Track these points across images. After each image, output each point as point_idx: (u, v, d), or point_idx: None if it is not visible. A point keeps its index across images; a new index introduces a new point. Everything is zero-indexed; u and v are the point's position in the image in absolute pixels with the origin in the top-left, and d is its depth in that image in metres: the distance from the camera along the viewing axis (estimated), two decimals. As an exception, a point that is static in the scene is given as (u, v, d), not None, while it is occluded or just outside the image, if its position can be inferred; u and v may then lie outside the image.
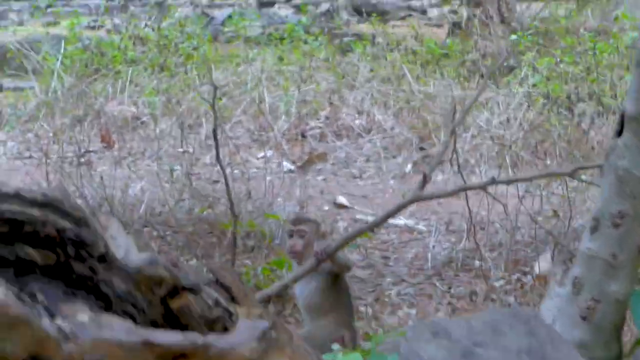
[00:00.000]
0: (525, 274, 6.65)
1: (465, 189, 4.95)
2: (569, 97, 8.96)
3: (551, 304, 3.11)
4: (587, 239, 3.39)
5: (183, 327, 1.78)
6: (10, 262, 1.62)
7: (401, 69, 9.93)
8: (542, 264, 6.56)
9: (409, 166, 9.03)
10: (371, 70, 10.03)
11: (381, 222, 4.59)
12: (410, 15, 16.15)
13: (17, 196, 1.61)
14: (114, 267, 1.71)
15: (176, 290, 1.76)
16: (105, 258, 1.68)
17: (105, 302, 1.68)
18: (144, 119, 10.04)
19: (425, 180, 4.08)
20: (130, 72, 10.50)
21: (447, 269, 6.90)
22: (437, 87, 9.59)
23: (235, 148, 8.79)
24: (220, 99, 9.93)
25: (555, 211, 6.71)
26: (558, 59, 9.18)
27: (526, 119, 8.90)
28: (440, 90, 9.49)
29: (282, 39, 11.59)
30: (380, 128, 9.59)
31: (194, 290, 1.76)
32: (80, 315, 1.58)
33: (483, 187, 4.25)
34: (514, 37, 10.10)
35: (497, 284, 6.54)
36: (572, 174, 4.00)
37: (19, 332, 1.50)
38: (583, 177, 4.40)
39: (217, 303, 1.77)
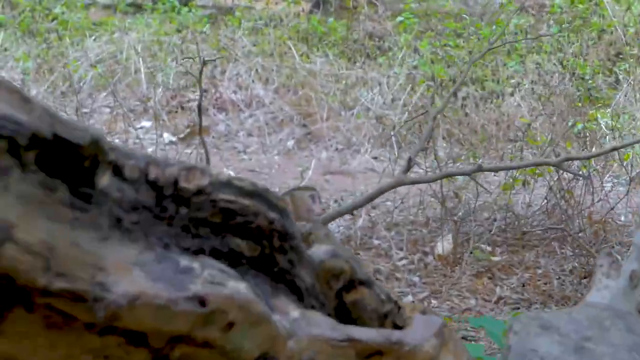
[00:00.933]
0: (426, 254, 6.73)
1: (449, 174, 4.97)
2: (453, 80, 9.09)
3: (601, 296, 3.15)
4: (644, 233, 3.44)
5: (353, 321, 1.74)
6: (221, 254, 1.55)
7: (284, 45, 9.86)
8: (445, 245, 6.66)
9: (292, 142, 9.02)
10: (254, 45, 9.92)
11: (362, 204, 4.55)
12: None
13: (228, 185, 1.54)
14: (303, 260, 1.66)
15: (352, 283, 1.71)
16: (298, 250, 1.63)
17: (297, 296, 1.63)
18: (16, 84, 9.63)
19: (410, 164, 4.06)
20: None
21: (346, 247, 6.91)
22: (321, 65, 9.57)
23: (122, 116, 8.61)
24: (96, 66, 9.67)
25: (456, 193, 6.78)
26: (440, 42, 9.30)
27: (410, 100, 8.99)
28: (325, 68, 9.48)
29: (154, 9, 11.34)
30: (260, 103, 9.52)
31: (368, 283, 1.72)
32: (292, 312, 1.52)
33: (469, 174, 4.27)
34: (400, 18, 10.18)
35: (399, 264, 6.60)
36: (559, 164, 4.06)
37: (259, 330, 1.45)
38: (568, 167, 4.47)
39: (388, 297, 1.73)
